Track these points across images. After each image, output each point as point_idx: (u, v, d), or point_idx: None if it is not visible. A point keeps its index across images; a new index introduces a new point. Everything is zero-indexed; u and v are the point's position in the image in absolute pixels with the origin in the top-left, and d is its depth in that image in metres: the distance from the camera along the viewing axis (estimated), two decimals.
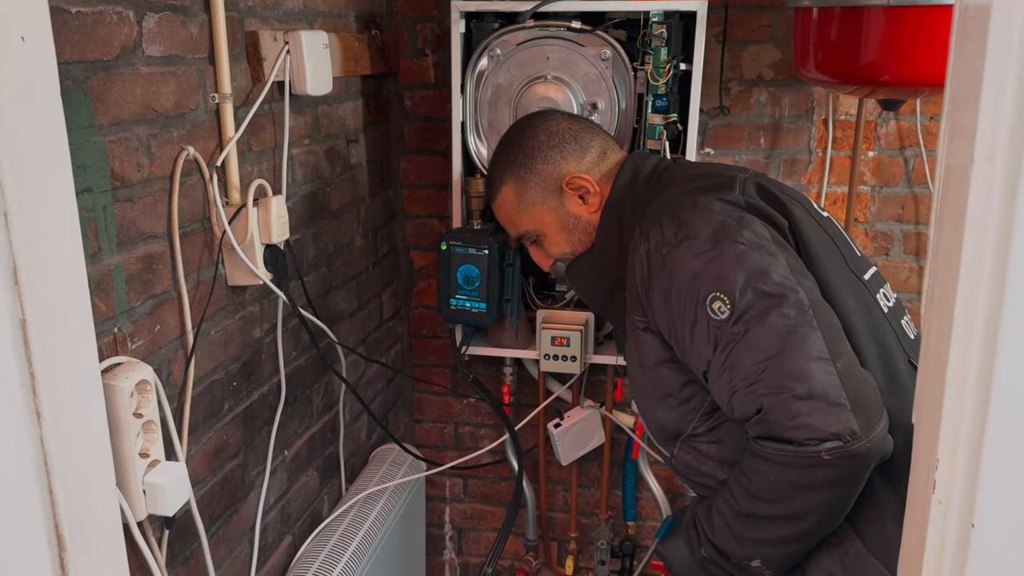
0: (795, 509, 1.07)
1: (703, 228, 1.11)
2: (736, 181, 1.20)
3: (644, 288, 1.16)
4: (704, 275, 1.09)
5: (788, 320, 1.04)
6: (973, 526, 0.58)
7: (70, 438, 0.82)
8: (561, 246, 1.37)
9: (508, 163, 1.36)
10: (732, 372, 1.07)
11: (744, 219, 1.12)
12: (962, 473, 0.59)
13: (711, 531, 1.16)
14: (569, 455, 2.10)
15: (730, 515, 1.12)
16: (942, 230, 0.63)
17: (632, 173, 1.31)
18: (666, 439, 1.25)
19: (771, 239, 1.11)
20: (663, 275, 1.12)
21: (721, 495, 1.15)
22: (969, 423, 0.59)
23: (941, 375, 0.60)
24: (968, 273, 0.58)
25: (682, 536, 1.21)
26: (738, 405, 1.07)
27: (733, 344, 1.06)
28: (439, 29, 2.03)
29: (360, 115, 1.87)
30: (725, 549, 1.14)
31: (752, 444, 1.08)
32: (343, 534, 1.66)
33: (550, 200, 1.34)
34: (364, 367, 1.95)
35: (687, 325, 1.11)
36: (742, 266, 1.07)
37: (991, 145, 0.55)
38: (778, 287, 1.06)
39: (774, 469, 1.05)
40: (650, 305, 1.16)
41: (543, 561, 2.34)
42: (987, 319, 0.57)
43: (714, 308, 1.08)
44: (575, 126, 1.35)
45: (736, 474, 1.13)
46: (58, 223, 0.81)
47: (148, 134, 1.11)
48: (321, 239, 1.69)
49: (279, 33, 1.41)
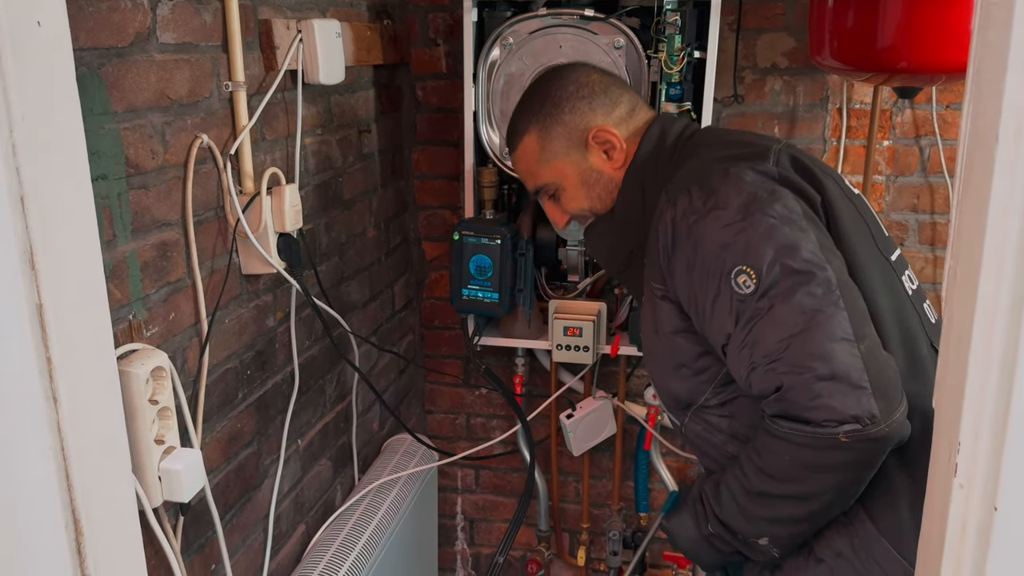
0: (807, 489, 1.06)
1: (733, 198, 1.08)
2: (771, 151, 1.16)
3: (666, 256, 1.13)
4: (731, 247, 1.06)
5: (814, 299, 1.02)
6: (996, 509, 0.58)
7: (87, 423, 0.82)
8: (579, 202, 1.32)
9: (534, 112, 1.30)
10: (753, 348, 1.05)
11: (776, 192, 1.09)
12: (985, 457, 0.59)
13: (719, 507, 1.15)
14: (581, 446, 2.09)
15: (740, 492, 1.11)
16: (965, 211, 0.62)
17: (659, 135, 1.27)
18: (677, 408, 1.24)
19: (802, 214, 1.08)
20: (688, 244, 1.10)
21: (731, 471, 1.14)
22: (992, 406, 0.58)
23: (963, 358, 0.60)
24: (991, 254, 0.57)
25: (688, 511, 1.21)
26: (757, 382, 1.06)
27: (756, 320, 1.04)
28: (451, 19, 2.03)
29: (372, 105, 1.87)
30: (733, 526, 1.13)
31: (767, 422, 1.07)
32: (356, 523, 1.66)
33: (573, 153, 1.29)
34: (376, 358, 1.95)
35: (709, 297, 1.08)
36: (771, 240, 1.05)
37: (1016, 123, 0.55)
38: (806, 264, 1.04)
39: (789, 449, 1.04)
40: (671, 273, 1.13)
41: (555, 552, 2.34)
42: (1011, 301, 0.56)
43: (739, 282, 1.05)
44: (605, 79, 1.31)
45: (748, 451, 1.11)
46: (74, 208, 0.81)
47: (162, 121, 1.11)
48: (334, 229, 1.69)
49: (292, 22, 1.41)
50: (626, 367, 2.11)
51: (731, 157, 1.15)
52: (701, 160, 1.18)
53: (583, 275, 1.95)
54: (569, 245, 1.91)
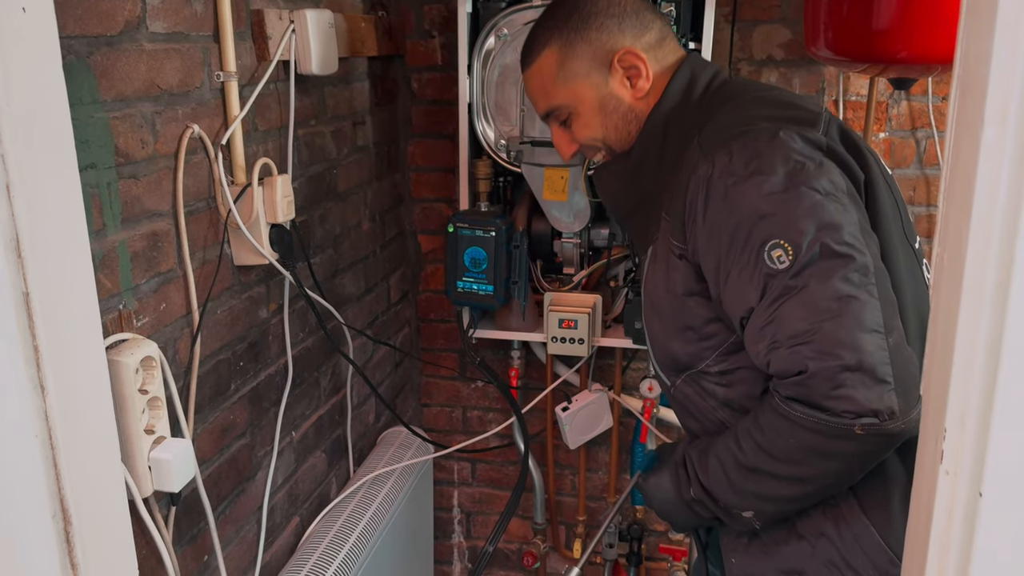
0: (806, 473, 1.04)
1: (779, 165, 1.01)
2: (820, 119, 1.08)
3: (694, 214, 1.05)
4: (770, 218, 0.99)
5: (850, 284, 0.98)
6: (981, 495, 0.58)
7: (75, 412, 0.82)
8: (592, 129, 1.22)
9: (557, 26, 1.20)
10: (777, 326, 1.00)
11: (824, 165, 1.02)
12: (971, 443, 0.59)
13: (704, 475, 1.12)
14: (577, 439, 2.09)
15: (732, 465, 1.09)
16: (951, 197, 0.62)
17: (689, 79, 1.18)
18: (672, 369, 1.19)
19: (846, 191, 1.02)
20: (722, 206, 1.02)
21: (723, 442, 1.11)
22: (978, 392, 0.58)
23: (950, 344, 0.59)
24: (977, 240, 0.57)
25: (668, 473, 1.18)
26: (777, 361, 1.01)
27: (786, 298, 0.99)
28: (446, 10, 2.02)
29: (367, 97, 1.86)
30: (717, 495, 1.11)
31: (778, 403, 1.03)
32: (350, 516, 1.66)
33: (595, 75, 1.19)
34: (372, 350, 1.95)
35: (735, 265, 1.02)
36: (813, 216, 0.99)
37: (1002, 109, 0.54)
38: (847, 247, 0.99)
39: (798, 432, 1.01)
40: (696, 234, 1.06)
41: (551, 545, 2.34)
42: (996, 287, 0.56)
43: (773, 256, 0.99)
44: (638, 2, 1.21)
45: (747, 425, 1.08)
46: (61, 197, 0.81)
47: (152, 111, 1.10)
48: (328, 221, 1.68)
49: (284, 12, 1.40)
50: (622, 360, 2.10)
51: (780, 118, 1.07)
52: (743, 114, 1.09)
53: (578, 268, 1.95)
54: (564, 237, 1.91)
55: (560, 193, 1.82)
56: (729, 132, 1.06)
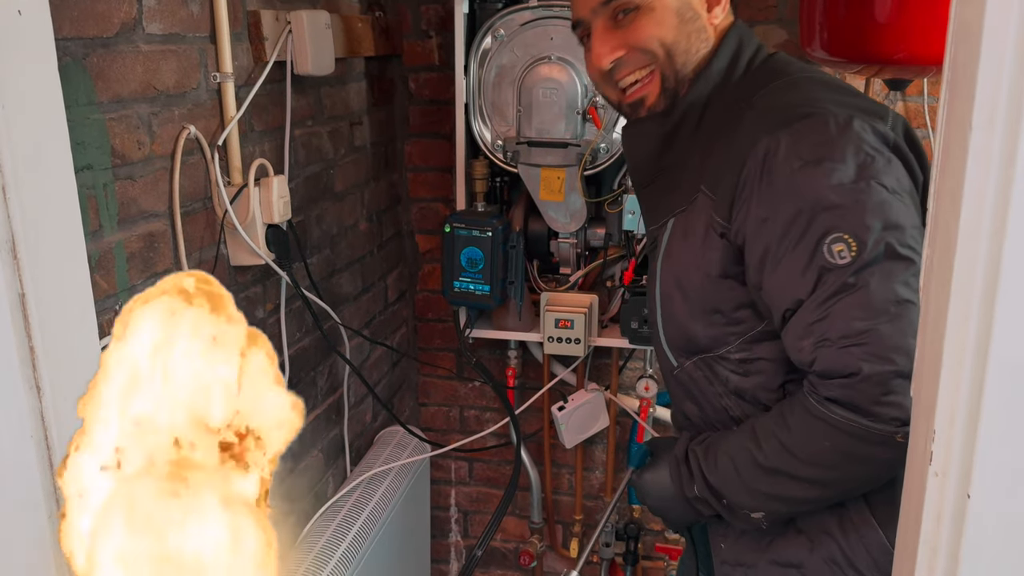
0: (832, 477, 1.00)
1: (850, 156, 0.95)
2: (888, 113, 1.03)
3: (749, 192, 0.99)
4: (835, 210, 0.94)
5: (909, 289, 0.93)
6: (969, 497, 0.58)
7: (70, 413, 0.82)
8: (664, 31, 1.06)
9: None
10: (829, 323, 0.95)
11: (892, 161, 0.98)
12: (959, 445, 0.59)
13: (712, 473, 1.07)
14: (573, 438, 2.10)
15: (748, 465, 1.04)
16: (941, 199, 0.62)
17: (736, 48, 1.10)
18: (684, 350, 1.13)
19: (908, 191, 0.98)
20: (783, 190, 0.96)
21: (735, 440, 1.06)
22: (966, 394, 0.58)
23: (939, 346, 0.60)
24: (966, 242, 0.57)
25: (667, 469, 1.13)
26: (824, 359, 0.96)
27: (843, 295, 0.94)
28: (443, 10, 2.02)
29: (364, 97, 1.86)
30: (725, 493, 1.07)
31: (813, 403, 0.98)
32: (347, 514, 1.67)
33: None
34: (369, 350, 1.95)
35: (787, 253, 0.97)
36: (881, 214, 0.94)
37: (989, 113, 0.55)
38: (909, 250, 0.94)
39: (833, 435, 0.96)
40: (747, 213, 0.99)
41: (548, 544, 2.35)
42: (984, 289, 0.56)
43: (833, 249, 0.94)
44: None
45: (770, 425, 1.03)
46: (57, 198, 0.81)
47: (149, 112, 1.11)
48: (325, 221, 1.68)
49: (281, 12, 1.41)
50: (618, 360, 2.11)
51: (849, 105, 1.01)
52: (806, 94, 1.03)
53: (575, 268, 1.95)
54: (561, 237, 1.91)
55: (556, 193, 1.82)
56: (795, 111, 0.99)
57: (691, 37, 1.07)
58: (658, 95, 1.09)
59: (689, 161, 1.09)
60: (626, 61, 1.07)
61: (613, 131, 1.77)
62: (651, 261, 1.16)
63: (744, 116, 1.03)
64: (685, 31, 1.07)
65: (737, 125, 1.03)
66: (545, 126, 1.77)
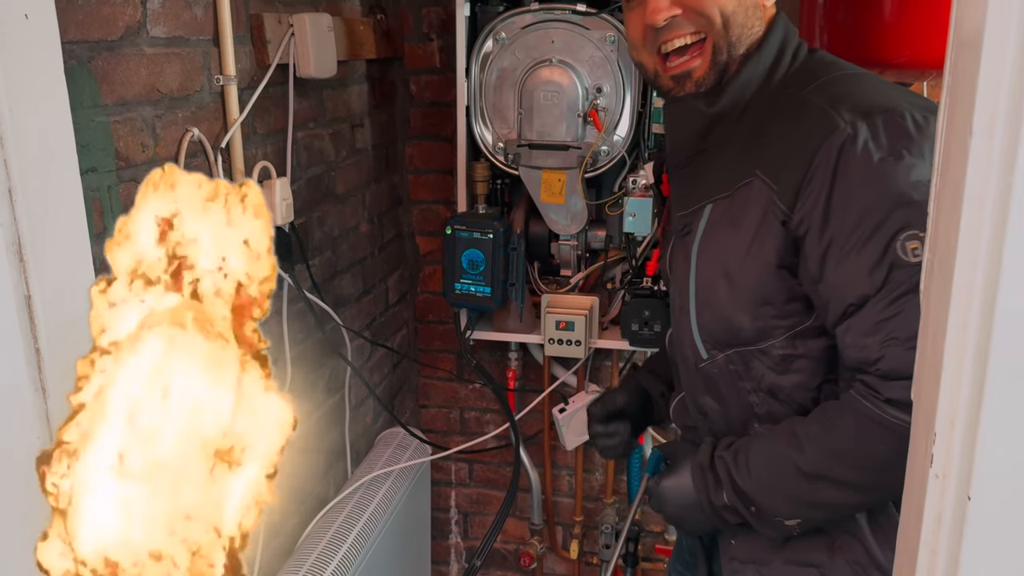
0: (880, 481, 0.96)
1: (928, 154, 0.92)
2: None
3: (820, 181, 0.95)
4: (913, 207, 0.91)
5: None
6: (969, 499, 0.58)
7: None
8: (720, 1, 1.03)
9: None
10: (898, 321, 0.92)
11: None
12: (959, 447, 0.60)
13: (743, 479, 1.03)
14: (574, 440, 2.10)
15: (787, 471, 1.00)
16: (941, 204, 0.63)
17: (783, 36, 1.08)
18: (719, 342, 1.08)
19: None
20: (859, 182, 0.94)
21: (770, 444, 1.03)
22: (967, 397, 0.59)
23: (939, 349, 0.60)
24: (966, 247, 0.58)
25: (690, 476, 1.08)
26: (892, 359, 0.92)
27: (913, 294, 0.90)
28: (444, 13, 2.03)
29: (366, 99, 1.87)
30: (759, 501, 1.02)
31: (867, 406, 0.94)
32: (348, 516, 1.67)
33: None
34: (370, 352, 1.96)
35: (856, 246, 0.94)
36: None
37: (989, 119, 0.55)
38: None
39: (889, 439, 0.93)
40: (814, 202, 0.96)
41: (548, 545, 2.35)
42: (984, 294, 0.57)
43: (908, 247, 0.91)
44: None
45: (813, 430, 1.00)
46: (63, 200, 0.82)
47: (153, 115, 1.11)
48: (326, 223, 1.69)
49: (283, 15, 1.41)
50: (619, 362, 2.11)
51: (921, 105, 0.98)
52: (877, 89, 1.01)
53: (575, 270, 1.96)
54: (561, 240, 1.92)
55: (557, 196, 1.82)
56: (871, 103, 0.97)
57: (748, 12, 1.04)
58: (708, 69, 1.05)
59: (728, 146, 1.06)
60: (680, 21, 1.03)
61: (614, 134, 1.77)
62: (678, 247, 1.12)
63: (807, 104, 1.00)
64: (743, 4, 1.03)
65: (798, 113, 1.01)
66: (546, 129, 1.77)
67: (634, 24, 1.07)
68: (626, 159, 1.80)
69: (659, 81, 1.09)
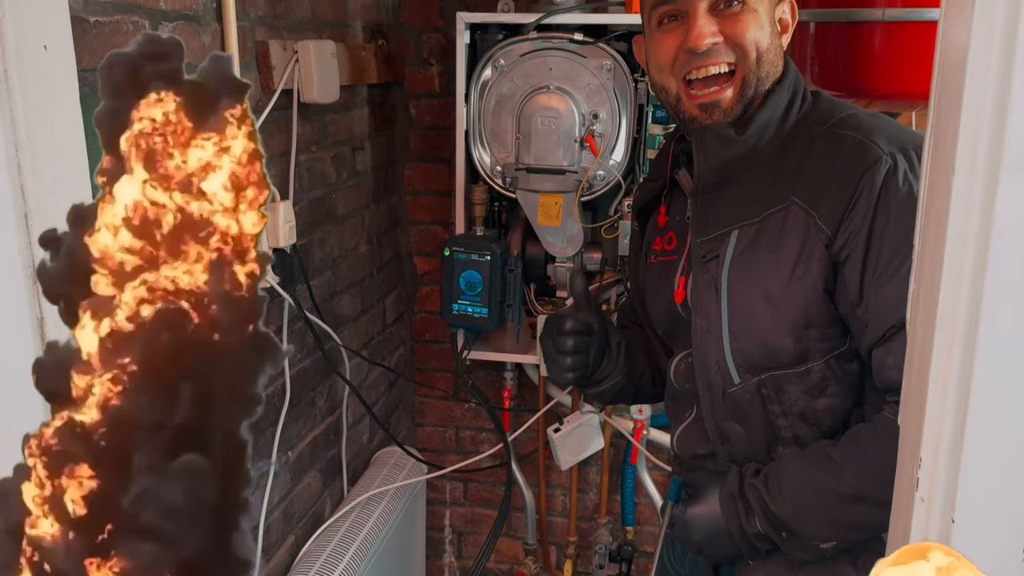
0: None
1: None
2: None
3: (863, 208, 0.99)
4: None
5: None
6: (953, 522, 0.61)
7: None
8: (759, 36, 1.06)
9: None
10: None
11: None
12: (944, 471, 0.62)
13: (777, 505, 1.03)
14: (568, 460, 2.12)
15: (824, 494, 1.01)
16: (926, 237, 0.65)
17: (796, 77, 1.13)
18: (755, 366, 1.08)
19: None
20: (902, 207, 0.97)
21: (803, 469, 1.04)
22: (951, 424, 0.61)
23: (924, 377, 0.63)
24: (949, 279, 0.60)
25: (719, 505, 1.07)
26: None
27: None
28: (444, 40, 2.06)
29: (366, 123, 1.90)
30: (793, 526, 1.03)
31: None
32: (344, 535, 1.68)
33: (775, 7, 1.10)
34: (367, 371, 1.98)
35: (899, 269, 0.96)
36: None
37: (971, 157, 0.58)
38: None
39: None
40: (859, 228, 1.00)
41: (542, 565, 2.36)
42: (967, 324, 0.59)
43: None
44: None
45: (848, 450, 1.01)
46: None
47: None
48: (327, 244, 1.71)
49: (288, 42, 1.44)
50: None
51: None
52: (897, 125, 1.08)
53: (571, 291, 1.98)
54: (558, 262, 1.95)
55: (554, 219, 1.85)
56: (901, 138, 1.03)
57: (775, 51, 1.09)
58: (735, 101, 1.07)
59: (749, 175, 1.09)
60: (719, 49, 1.05)
61: (610, 159, 1.81)
62: (701, 273, 1.11)
63: (842, 137, 1.05)
64: (774, 44, 1.08)
65: (833, 144, 1.05)
66: (543, 153, 1.80)
67: (666, 46, 1.08)
68: (621, 183, 1.83)
69: (681, 107, 1.10)
